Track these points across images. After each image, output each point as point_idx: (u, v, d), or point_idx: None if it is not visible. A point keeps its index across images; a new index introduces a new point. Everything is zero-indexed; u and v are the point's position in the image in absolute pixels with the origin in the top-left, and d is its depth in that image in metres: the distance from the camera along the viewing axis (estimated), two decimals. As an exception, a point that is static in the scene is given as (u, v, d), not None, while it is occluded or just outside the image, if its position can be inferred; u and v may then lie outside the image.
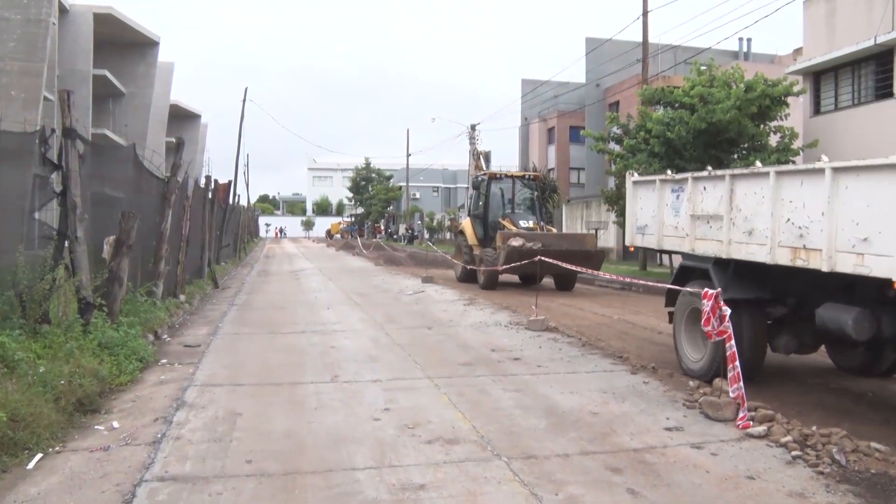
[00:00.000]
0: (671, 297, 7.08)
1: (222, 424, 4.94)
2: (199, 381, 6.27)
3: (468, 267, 16.48)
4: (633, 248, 8.08)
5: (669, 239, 7.16)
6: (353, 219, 70.00)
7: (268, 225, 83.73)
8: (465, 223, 17.41)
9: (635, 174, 8.13)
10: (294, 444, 4.54)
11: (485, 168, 19.83)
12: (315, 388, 6.05)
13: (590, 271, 10.60)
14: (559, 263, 11.08)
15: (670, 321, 7.08)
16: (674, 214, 7.05)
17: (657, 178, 7.44)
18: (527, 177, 17.68)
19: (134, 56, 29.83)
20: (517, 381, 6.35)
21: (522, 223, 16.02)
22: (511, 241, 14.41)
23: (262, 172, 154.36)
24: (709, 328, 5.32)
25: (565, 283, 15.45)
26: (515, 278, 16.84)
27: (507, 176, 17.48)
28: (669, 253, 7.50)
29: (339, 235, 65.36)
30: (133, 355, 6.65)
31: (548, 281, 16.74)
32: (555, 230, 17.53)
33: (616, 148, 18.86)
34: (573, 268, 10.61)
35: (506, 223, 16.04)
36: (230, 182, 23.64)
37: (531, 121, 42.50)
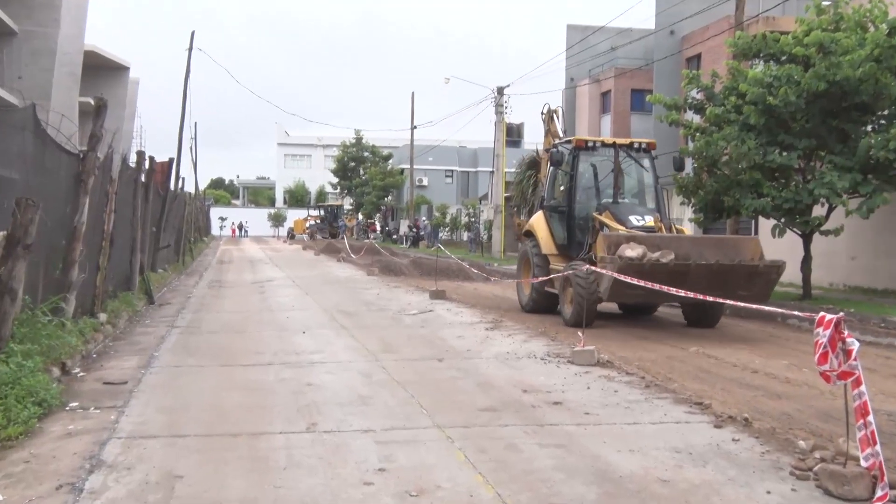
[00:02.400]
0: None
1: (155, 492, 4.96)
2: (123, 432, 6.32)
3: (546, 289, 14.39)
4: None
5: None
6: (322, 213, 70.15)
7: (223, 219, 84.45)
8: (537, 220, 15.41)
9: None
10: (255, 515, 4.58)
11: (561, 134, 17.29)
12: (285, 441, 6.09)
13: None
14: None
15: None
16: None
17: None
18: (637, 146, 14.87)
19: (28, -23, 28.63)
20: (557, 434, 6.35)
21: (634, 220, 13.52)
22: (625, 251, 12.06)
23: (217, 149, 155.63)
24: (825, 367, 5.24)
25: (704, 315, 13.35)
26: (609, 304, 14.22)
27: (605, 144, 14.90)
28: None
29: (305, 235, 65.54)
30: (29, 397, 6.67)
31: (666, 312, 15.40)
32: (687, 231, 15.26)
33: (695, 119, 18.83)
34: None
35: (606, 220, 13.69)
36: (172, 161, 23.86)
37: (579, 82, 42.56)
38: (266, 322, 13.18)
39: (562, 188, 15.12)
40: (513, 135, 69.06)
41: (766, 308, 9.12)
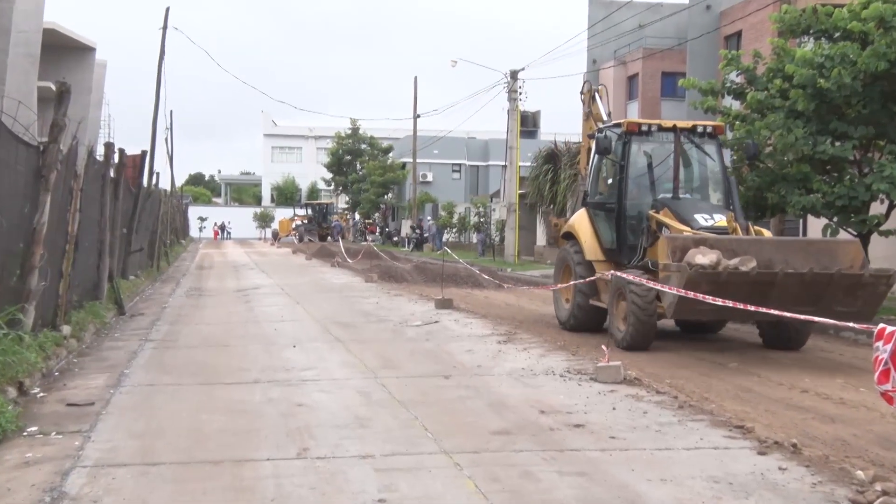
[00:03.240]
0: None
1: (127, 525, 4.98)
2: (89, 460, 6.33)
3: (591, 302, 13.79)
4: None
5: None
6: (308, 212, 70.22)
7: (203, 219, 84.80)
8: (578, 220, 14.65)
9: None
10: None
11: (605, 116, 16.41)
12: (273, 469, 6.10)
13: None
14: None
15: None
16: None
17: None
18: (702, 130, 14.07)
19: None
20: (579, 461, 6.36)
21: (701, 219, 12.62)
22: (695, 257, 11.23)
23: (196, 141, 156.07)
24: (886, 386, 5.21)
25: (788, 335, 12.48)
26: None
27: (662, 128, 14.06)
28: None
29: (294, 237, 65.64)
30: (-21, 422, 6.71)
31: (735, 330, 14.65)
32: (767, 232, 14.32)
33: (735, 105, 18.81)
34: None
35: (665, 219, 12.84)
36: (144, 154, 23.96)
37: (603, 64, 42.59)
38: (252, 335, 13.20)
39: (609, 181, 14.46)
40: (528, 124, 69.07)
41: (816, 318, 8.94)
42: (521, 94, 37.16)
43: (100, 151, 19.37)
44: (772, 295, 10.72)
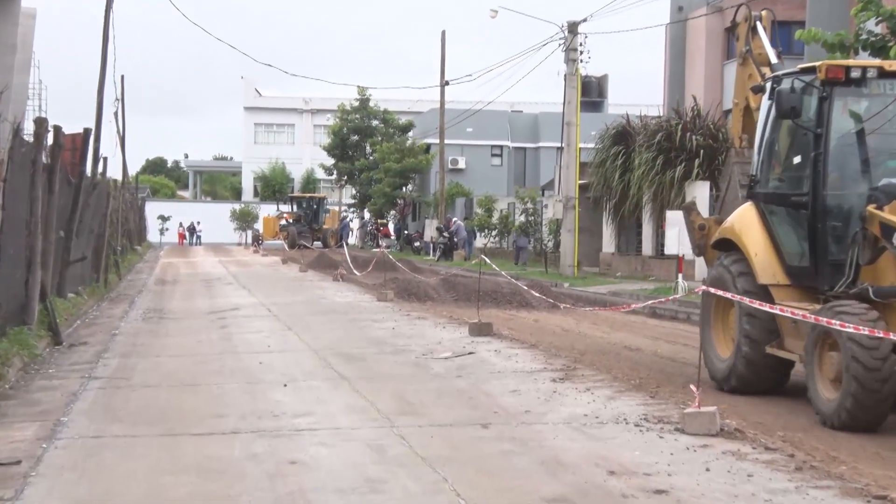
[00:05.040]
0: None
1: None
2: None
3: (768, 350, 12.06)
4: None
5: None
6: (294, 208, 70.46)
7: (165, 219, 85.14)
8: (742, 221, 12.98)
9: None
10: None
11: (773, 57, 14.85)
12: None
13: None
14: None
15: None
16: None
17: None
18: None
19: None
20: (665, 541, 6.33)
21: None
22: None
23: (155, 117, 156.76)
24: None
25: None
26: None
27: (885, 73, 12.02)
28: None
29: (282, 241, 65.79)
30: None
31: None
32: None
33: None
34: None
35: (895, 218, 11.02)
36: (88, 132, 24.05)
37: (692, 12, 42.54)
38: (230, 370, 13.21)
39: (795, 160, 12.67)
40: (592, 93, 69.01)
41: None
42: (582, 53, 37.09)
43: (29, 129, 19.48)
44: None
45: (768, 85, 12.88)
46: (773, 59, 14.55)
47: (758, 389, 12.20)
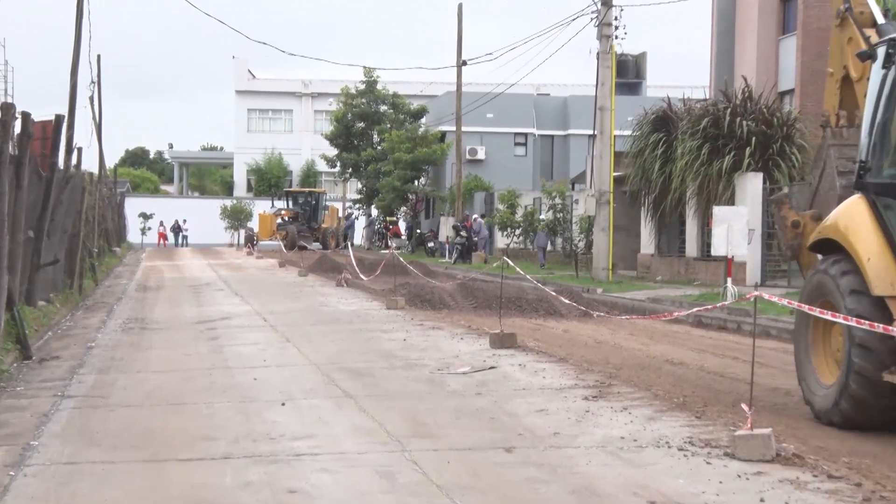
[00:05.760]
0: None
1: None
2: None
3: (886, 378, 10.86)
4: None
5: None
6: (290, 204, 70.68)
7: (147, 216, 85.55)
8: (850, 217, 11.98)
9: None
10: None
11: (878, 16, 13.91)
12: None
13: None
14: None
15: None
16: None
17: None
18: None
19: None
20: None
21: None
22: None
23: (136, 102, 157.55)
24: None
25: None
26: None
27: None
28: None
29: (280, 242, 66.00)
30: None
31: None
32: None
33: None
34: None
35: None
36: (60, 119, 24.11)
37: (741, -19, 42.34)
38: (220, 388, 13.21)
39: None
40: (628, 74, 69.05)
41: None
42: (617, 28, 37.02)
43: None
44: None
45: (881, 50, 11.88)
46: (880, 19, 13.58)
47: (870, 422, 11.21)
